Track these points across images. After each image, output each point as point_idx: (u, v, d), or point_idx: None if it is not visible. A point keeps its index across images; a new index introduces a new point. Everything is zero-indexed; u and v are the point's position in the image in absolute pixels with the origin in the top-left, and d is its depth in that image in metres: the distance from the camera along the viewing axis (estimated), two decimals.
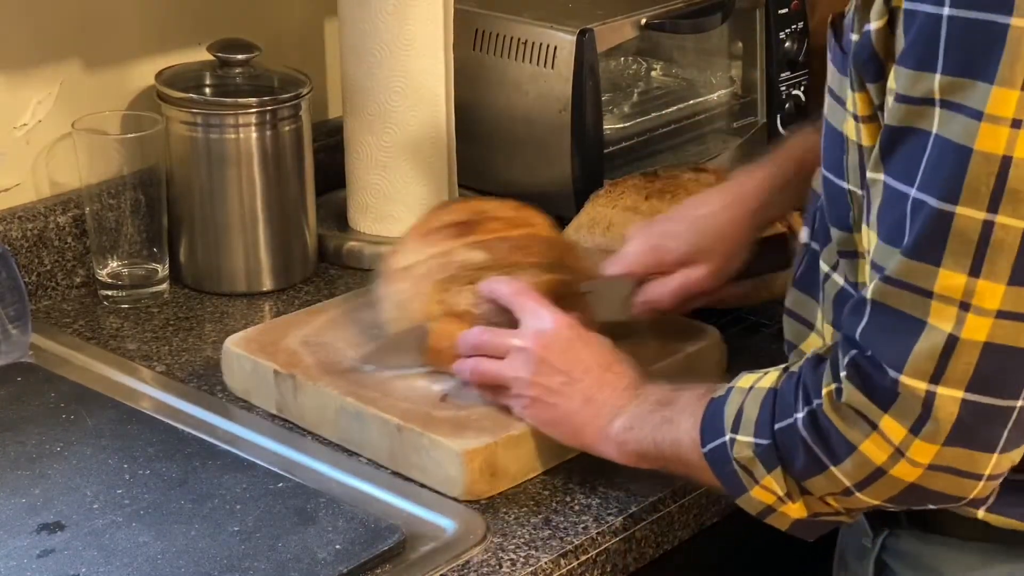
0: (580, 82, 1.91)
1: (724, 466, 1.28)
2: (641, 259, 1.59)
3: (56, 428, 1.52)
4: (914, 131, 1.16)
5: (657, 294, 1.58)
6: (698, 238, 1.58)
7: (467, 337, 1.48)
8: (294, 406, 1.54)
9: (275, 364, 1.55)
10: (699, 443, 1.30)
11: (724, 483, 1.29)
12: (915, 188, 1.15)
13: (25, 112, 1.79)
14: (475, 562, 1.36)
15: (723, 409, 1.29)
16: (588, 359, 1.42)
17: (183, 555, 1.33)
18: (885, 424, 1.18)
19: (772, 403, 1.25)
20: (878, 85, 1.20)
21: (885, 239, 1.18)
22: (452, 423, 1.46)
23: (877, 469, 1.20)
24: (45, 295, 1.79)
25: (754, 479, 1.27)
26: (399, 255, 1.58)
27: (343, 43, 1.86)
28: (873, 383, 1.18)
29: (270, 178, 1.81)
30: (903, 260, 1.16)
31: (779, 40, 2.13)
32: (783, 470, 1.25)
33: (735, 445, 1.27)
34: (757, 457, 1.25)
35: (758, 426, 1.25)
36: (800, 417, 1.22)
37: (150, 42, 1.87)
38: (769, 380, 1.27)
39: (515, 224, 1.58)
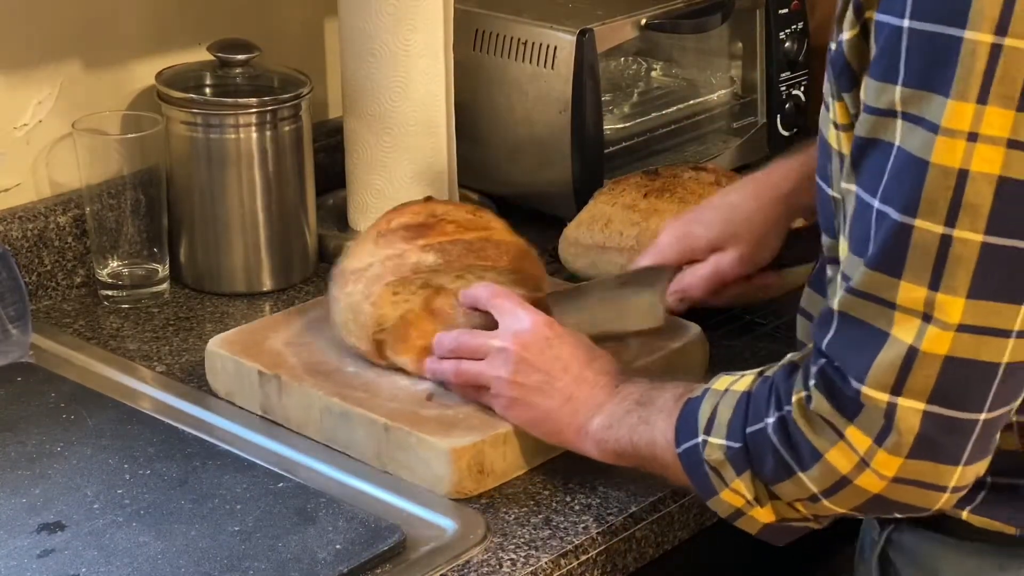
0: (580, 82, 1.91)
1: (696, 468, 1.29)
2: (671, 248, 1.60)
3: (56, 428, 1.52)
4: (878, 143, 1.16)
5: (689, 283, 1.59)
6: (727, 224, 1.59)
7: (444, 339, 1.48)
8: (279, 407, 1.54)
9: (259, 365, 1.55)
10: (673, 443, 1.30)
11: (695, 484, 1.30)
12: (878, 200, 1.16)
13: (25, 112, 1.79)
14: (475, 562, 1.36)
15: (698, 410, 1.29)
16: (567, 357, 1.42)
17: (183, 555, 1.33)
18: (850, 434, 1.18)
19: (745, 407, 1.26)
20: (852, 94, 1.20)
21: (853, 250, 1.19)
22: (439, 422, 1.46)
23: (843, 478, 1.20)
24: (45, 295, 1.79)
25: (724, 482, 1.27)
26: (353, 257, 1.58)
27: (343, 43, 1.86)
28: (839, 393, 1.18)
29: (270, 178, 1.81)
30: (867, 271, 1.17)
31: (779, 40, 2.13)
32: (752, 474, 1.25)
33: (707, 447, 1.27)
34: (728, 460, 1.26)
35: (730, 429, 1.26)
36: (771, 422, 1.23)
37: (150, 42, 1.87)
38: (744, 383, 1.28)
39: (470, 227, 1.57)
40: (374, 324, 1.53)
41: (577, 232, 1.80)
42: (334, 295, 1.57)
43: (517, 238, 1.61)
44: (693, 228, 1.61)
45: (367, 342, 1.54)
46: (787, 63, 2.14)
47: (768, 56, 2.13)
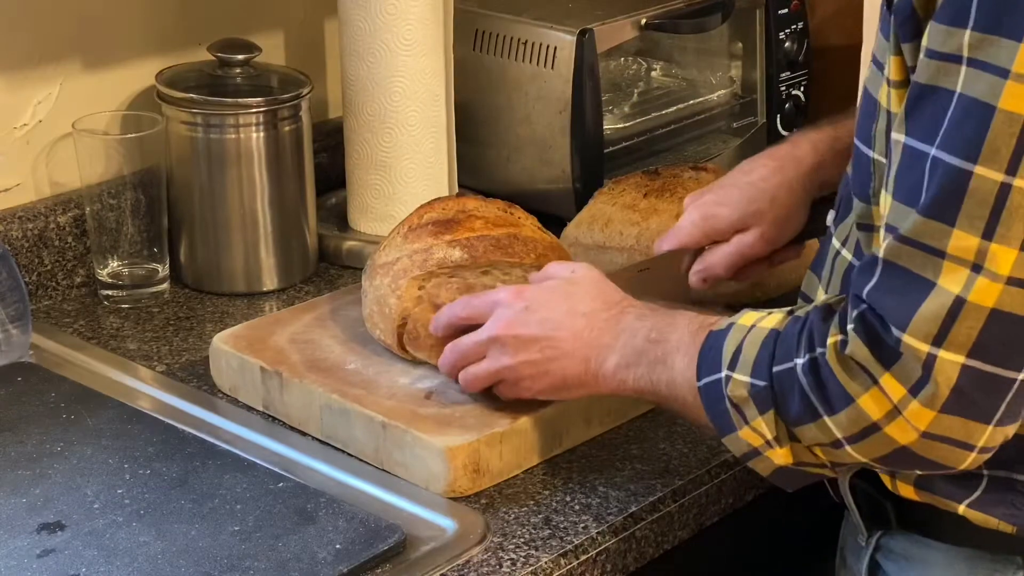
0: (580, 82, 1.91)
1: (716, 403, 1.27)
2: (694, 230, 1.59)
3: (56, 428, 1.52)
4: (937, 90, 1.14)
5: (711, 262, 1.58)
6: (749, 203, 1.57)
7: (444, 358, 1.48)
8: (280, 403, 1.54)
9: (261, 361, 1.56)
10: (694, 379, 1.29)
11: (713, 420, 1.28)
12: (935, 147, 1.14)
13: (25, 112, 1.79)
14: (475, 562, 1.36)
15: (722, 345, 1.27)
16: (552, 315, 1.41)
17: (183, 555, 1.33)
18: (886, 381, 1.17)
19: (773, 344, 1.24)
20: (913, 45, 1.18)
21: (902, 199, 1.17)
22: (436, 420, 1.46)
23: (872, 424, 1.19)
24: (45, 295, 1.79)
25: (744, 419, 1.26)
26: (383, 251, 1.60)
27: (343, 43, 1.86)
28: (878, 339, 1.17)
29: (270, 178, 1.81)
30: (918, 219, 1.15)
31: (779, 40, 2.13)
32: (775, 413, 1.24)
33: (730, 383, 1.26)
34: (751, 397, 1.24)
35: (756, 366, 1.24)
36: (801, 363, 1.21)
37: (150, 42, 1.87)
38: (772, 321, 1.26)
39: (499, 224, 1.59)
40: (399, 317, 1.53)
41: (577, 232, 1.80)
42: (364, 288, 1.59)
43: (547, 235, 1.62)
44: (716, 210, 1.58)
45: (391, 335, 1.55)
46: (787, 63, 2.14)
47: (768, 56, 2.13)
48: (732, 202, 1.58)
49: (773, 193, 1.56)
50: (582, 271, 1.44)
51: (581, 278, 1.43)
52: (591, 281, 1.43)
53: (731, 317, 1.30)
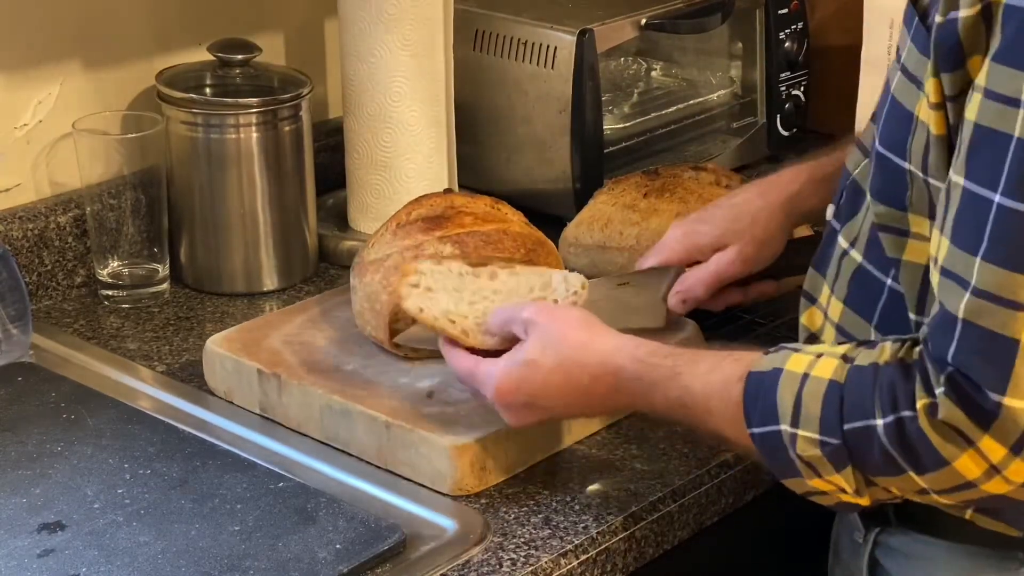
0: (580, 82, 1.91)
1: (778, 453, 1.25)
2: (676, 246, 1.60)
3: (56, 428, 1.52)
4: (996, 134, 1.12)
5: (690, 283, 1.59)
6: (732, 222, 1.59)
7: None
8: (278, 405, 1.54)
9: (258, 364, 1.56)
10: (741, 420, 1.26)
11: (775, 468, 1.26)
12: (998, 193, 1.12)
13: (25, 112, 1.79)
14: (475, 562, 1.36)
15: (774, 395, 1.24)
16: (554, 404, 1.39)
17: (183, 555, 1.33)
18: (985, 444, 1.15)
19: (839, 401, 1.21)
20: (953, 75, 1.17)
21: (962, 245, 1.15)
22: (440, 419, 1.46)
23: (968, 483, 1.18)
24: (45, 295, 1.79)
25: (817, 473, 1.23)
26: (372, 247, 1.60)
27: (343, 43, 1.86)
28: (974, 404, 1.14)
29: (270, 178, 1.81)
30: (988, 269, 1.13)
31: (779, 40, 2.13)
32: (853, 468, 1.22)
33: (797, 441, 1.23)
34: (825, 456, 1.22)
35: (824, 424, 1.21)
36: (884, 423, 1.18)
37: (150, 42, 1.87)
38: (827, 370, 1.23)
39: (488, 219, 1.59)
40: (390, 313, 1.53)
41: (577, 232, 1.80)
42: (353, 285, 1.60)
43: (534, 230, 1.62)
44: (698, 226, 1.61)
45: (383, 331, 1.55)
46: (787, 63, 2.15)
47: (768, 56, 2.13)
48: (714, 220, 1.61)
49: (754, 214, 1.59)
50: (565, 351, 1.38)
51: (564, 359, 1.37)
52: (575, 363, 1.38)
53: (769, 356, 1.27)
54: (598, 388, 1.36)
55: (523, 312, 1.39)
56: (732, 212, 1.60)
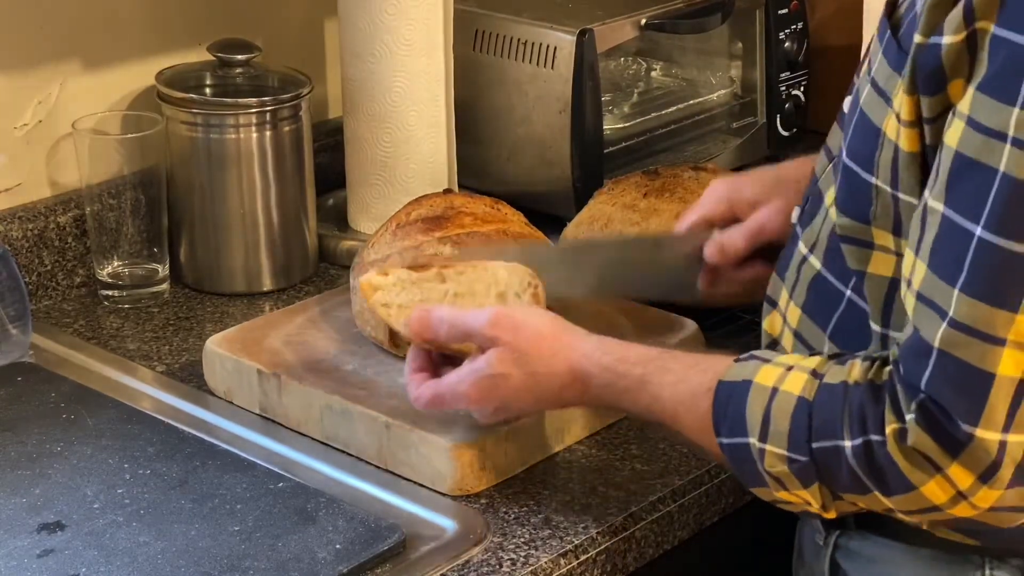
0: (580, 82, 1.91)
1: (746, 464, 1.25)
2: (717, 200, 1.57)
3: (56, 428, 1.52)
4: (979, 166, 1.11)
5: (730, 236, 1.54)
6: (774, 181, 1.56)
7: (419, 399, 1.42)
8: (278, 405, 1.54)
9: (258, 364, 1.56)
10: (710, 430, 1.26)
11: (744, 479, 1.27)
12: (980, 226, 1.11)
13: (25, 112, 1.79)
14: (475, 562, 1.36)
15: (743, 408, 1.24)
16: (525, 406, 1.40)
17: (183, 555, 1.33)
18: (953, 471, 1.15)
19: (808, 418, 1.21)
20: (933, 99, 1.16)
21: (940, 274, 1.14)
22: (440, 419, 1.46)
23: (934, 507, 1.18)
24: (45, 295, 1.79)
25: (784, 487, 1.24)
26: (372, 248, 1.60)
27: (343, 43, 1.86)
28: (945, 432, 1.14)
29: (270, 178, 1.81)
30: (967, 301, 1.12)
31: (779, 40, 2.13)
32: (820, 484, 1.22)
33: (766, 456, 1.23)
34: (792, 473, 1.22)
35: (792, 440, 1.21)
36: (852, 445, 1.18)
37: (150, 42, 1.87)
38: (797, 385, 1.22)
39: (488, 220, 1.59)
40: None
41: (577, 232, 1.80)
42: (353, 285, 1.60)
43: (534, 230, 1.63)
44: (740, 183, 1.57)
45: (382, 331, 1.55)
46: (787, 63, 2.14)
47: (768, 56, 2.13)
48: (759, 178, 1.58)
49: (799, 177, 1.54)
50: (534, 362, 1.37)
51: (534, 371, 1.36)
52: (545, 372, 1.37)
53: (737, 365, 1.27)
54: (568, 393, 1.37)
55: (483, 328, 1.36)
56: (776, 173, 1.58)
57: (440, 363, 1.42)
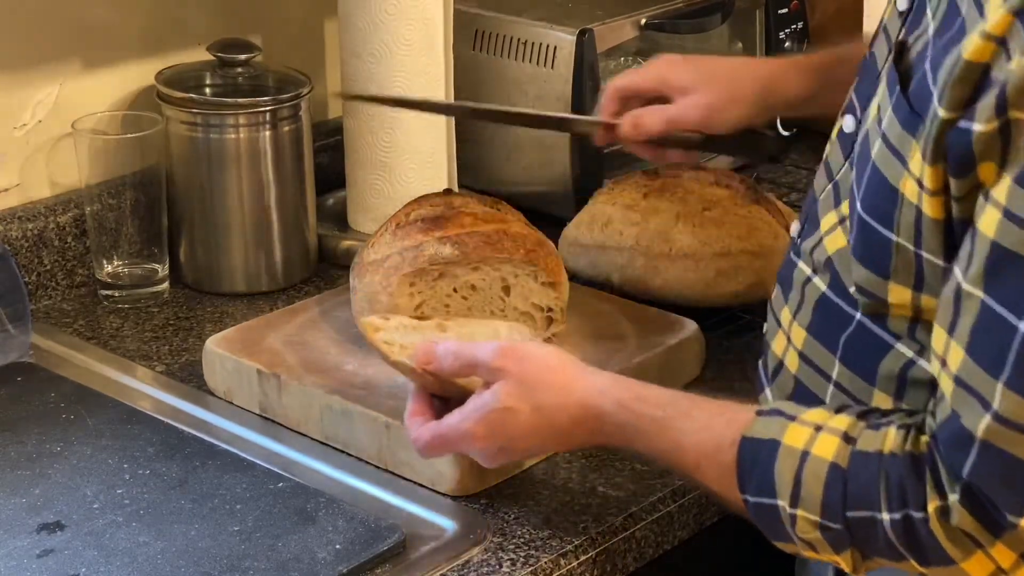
0: (580, 82, 1.91)
1: (773, 524, 1.23)
2: (647, 74, 1.61)
3: (56, 428, 1.52)
4: (1020, 259, 1.10)
5: (648, 113, 1.58)
6: (709, 73, 1.60)
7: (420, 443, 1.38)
8: (278, 405, 1.54)
9: (258, 364, 1.56)
10: (733, 484, 1.23)
11: (768, 534, 1.25)
12: None
13: (25, 112, 1.79)
14: (475, 562, 1.36)
15: (772, 470, 1.21)
16: (530, 445, 1.36)
17: (183, 555, 1.33)
18: (996, 550, 1.14)
19: (842, 486, 1.18)
20: (962, 180, 1.13)
21: (982, 364, 1.12)
22: None
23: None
24: (45, 295, 1.79)
25: (814, 549, 1.22)
26: (372, 248, 1.60)
27: (343, 43, 1.86)
28: (989, 518, 1.13)
29: (270, 178, 1.81)
30: (1015, 399, 1.10)
31: (779, 40, 2.13)
32: (853, 550, 1.20)
33: (797, 521, 1.21)
34: (826, 540, 1.20)
35: (826, 508, 1.19)
36: (891, 519, 1.17)
37: (150, 42, 1.87)
38: (828, 450, 1.20)
39: (488, 220, 1.59)
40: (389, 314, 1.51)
41: (577, 232, 1.80)
42: (353, 285, 1.60)
43: (534, 231, 1.62)
44: (678, 65, 1.62)
45: None
46: None
47: (768, 56, 2.13)
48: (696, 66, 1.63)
49: (733, 75, 1.59)
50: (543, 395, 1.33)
51: (543, 404, 1.32)
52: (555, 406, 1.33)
53: (762, 420, 1.25)
54: (578, 431, 1.32)
55: (489, 359, 1.33)
56: (713, 65, 1.62)
57: (441, 408, 1.37)
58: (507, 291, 1.58)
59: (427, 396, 1.39)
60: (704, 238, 1.72)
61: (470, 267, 1.55)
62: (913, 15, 1.26)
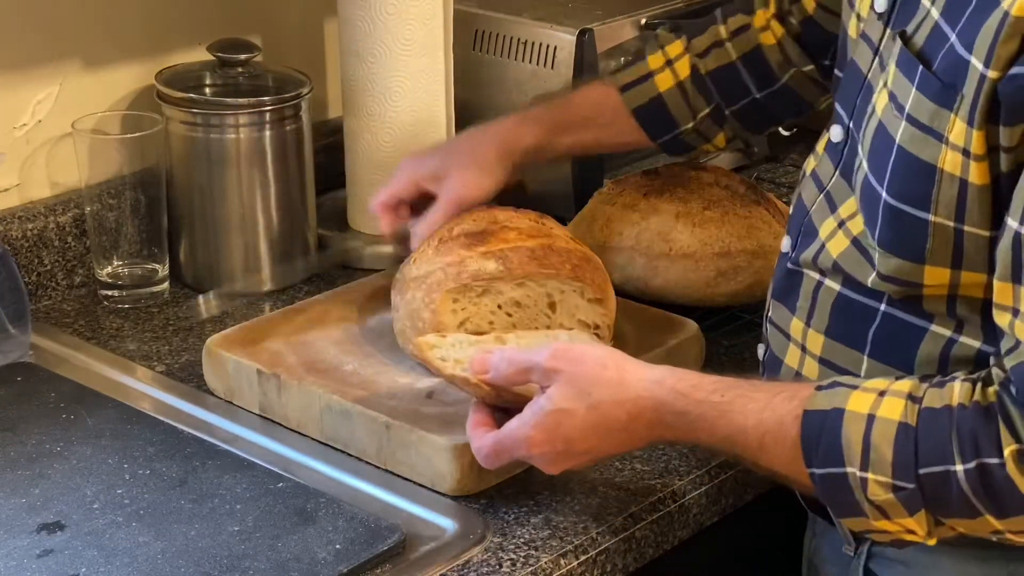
0: (580, 82, 1.91)
1: (841, 494, 1.22)
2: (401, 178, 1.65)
3: (56, 428, 1.52)
4: None
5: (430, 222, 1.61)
6: (448, 153, 1.66)
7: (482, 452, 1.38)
8: (278, 405, 1.54)
9: (258, 364, 1.56)
10: (799, 460, 1.23)
11: (836, 508, 1.25)
12: None
13: (25, 112, 1.79)
14: (475, 562, 1.36)
15: (839, 436, 1.21)
16: (590, 446, 1.33)
17: (183, 555, 1.33)
18: None
19: (913, 444, 1.19)
20: (1014, 128, 1.15)
21: None
22: (440, 419, 1.46)
23: None
24: (45, 295, 1.79)
25: (886, 516, 1.21)
26: (414, 264, 1.57)
27: (343, 43, 1.86)
28: None
29: (270, 178, 1.81)
30: None
31: None
32: (926, 511, 1.20)
33: (868, 485, 1.20)
34: (899, 501, 1.20)
35: (897, 468, 1.19)
36: (964, 469, 1.17)
37: (150, 42, 1.87)
38: (895, 412, 1.20)
39: (532, 234, 1.56)
40: (433, 332, 1.50)
41: (577, 232, 1.80)
42: (395, 303, 1.57)
43: (580, 246, 1.59)
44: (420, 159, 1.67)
45: None
46: None
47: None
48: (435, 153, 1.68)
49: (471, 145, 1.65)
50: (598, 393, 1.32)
51: (599, 401, 1.31)
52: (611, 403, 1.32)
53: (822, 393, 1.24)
54: (637, 425, 1.31)
55: (543, 361, 1.32)
56: (450, 145, 1.69)
57: (501, 420, 1.37)
58: (552, 308, 1.54)
59: (487, 408, 1.39)
60: (704, 238, 1.72)
61: (514, 283, 1.52)
62: (899, 11, 1.28)
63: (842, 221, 1.31)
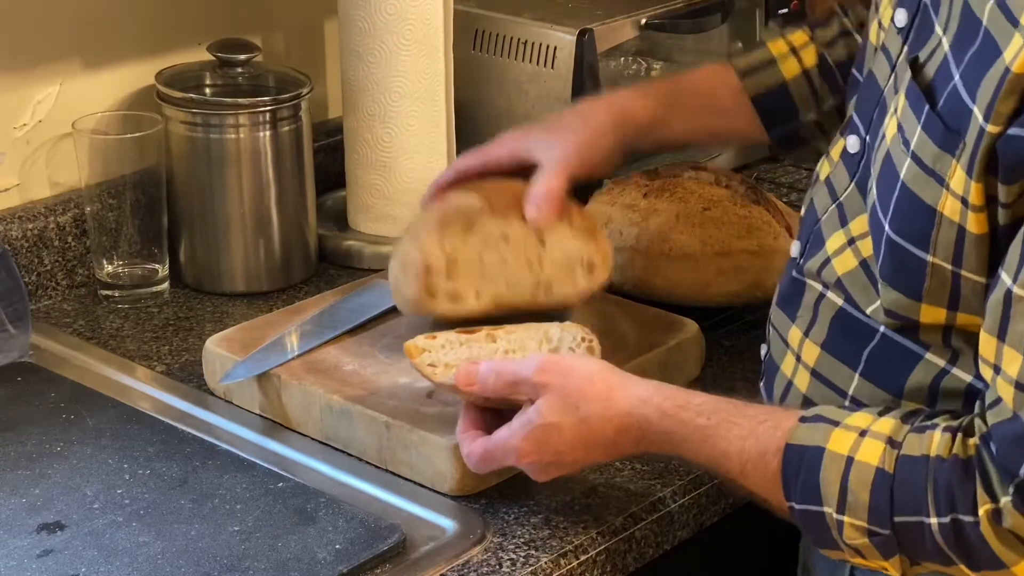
0: (580, 82, 1.91)
1: (821, 531, 1.23)
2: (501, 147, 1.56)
3: (56, 428, 1.52)
4: None
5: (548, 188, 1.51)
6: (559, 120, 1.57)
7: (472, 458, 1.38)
8: (278, 405, 1.54)
9: None
10: (779, 490, 1.24)
11: (814, 541, 1.25)
12: None
13: (25, 112, 1.79)
14: (475, 562, 1.36)
15: (817, 476, 1.21)
16: (578, 457, 1.34)
17: (183, 555, 1.33)
18: None
19: (889, 492, 1.18)
20: (1013, 186, 1.13)
21: None
22: (440, 419, 1.46)
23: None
24: (45, 295, 1.79)
25: (861, 555, 1.22)
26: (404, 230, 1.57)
27: (343, 43, 1.86)
28: None
29: (270, 178, 1.81)
30: None
31: None
32: (902, 556, 1.20)
33: (844, 528, 1.20)
34: (873, 545, 1.20)
35: (872, 513, 1.19)
36: (939, 523, 1.16)
37: (150, 42, 1.87)
38: (873, 456, 1.20)
39: (516, 185, 1.54)
40: (422, 264, 1.48)
41: None
42: (391, 264, 1.55)
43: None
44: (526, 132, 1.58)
45: (417, 286, 1.49)
46: None
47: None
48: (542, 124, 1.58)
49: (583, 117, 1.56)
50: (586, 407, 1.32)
51: (587, 416, 1.32)
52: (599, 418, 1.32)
53: (805, 427, 1.23)
54: (623, 440, 1.32)
55: (531, 375, 1.33)
56: (557, 117, 1.59)
57: (492, 422, 1.37)
58: (542, 243, 1.52)
59: (477, 410, 1.39)
60: (704, 238, 1.72)
61: (497, 217, 1.51)
62: (916, 31, 1.25)
63: (852, 239, 1.30)
